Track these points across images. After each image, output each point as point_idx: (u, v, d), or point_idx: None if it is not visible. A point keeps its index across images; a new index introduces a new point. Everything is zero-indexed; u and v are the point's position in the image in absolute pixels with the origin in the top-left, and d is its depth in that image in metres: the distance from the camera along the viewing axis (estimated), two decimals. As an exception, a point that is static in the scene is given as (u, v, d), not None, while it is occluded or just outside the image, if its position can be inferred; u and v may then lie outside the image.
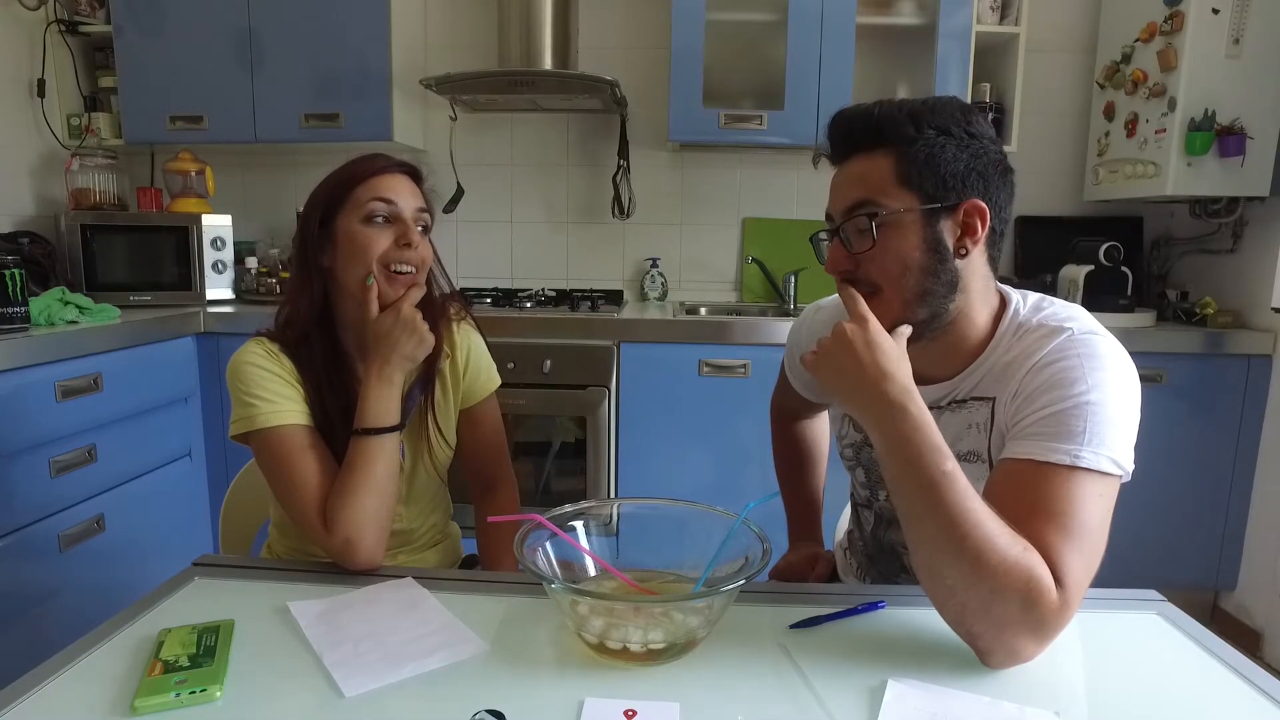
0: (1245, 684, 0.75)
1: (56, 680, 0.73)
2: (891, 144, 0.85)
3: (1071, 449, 0.77)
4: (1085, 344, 0.84)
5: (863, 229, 0.86)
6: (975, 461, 0.94)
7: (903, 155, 0.85)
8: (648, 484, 2.31)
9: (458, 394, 1.22)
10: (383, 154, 1.12)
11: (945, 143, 0.84)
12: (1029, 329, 0.89)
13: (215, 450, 2.37)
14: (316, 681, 0.73)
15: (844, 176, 0.90)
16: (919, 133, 0.84)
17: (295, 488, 1.01)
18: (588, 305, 2.49)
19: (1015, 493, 0.79)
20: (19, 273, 1.83)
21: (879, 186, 0.85)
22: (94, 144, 2.61)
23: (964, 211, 0.85)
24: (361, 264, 1.06)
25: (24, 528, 1.75)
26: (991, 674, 0.75)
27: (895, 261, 0.85)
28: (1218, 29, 2.16)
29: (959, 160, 0.84)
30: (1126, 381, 0.82)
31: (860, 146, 0.87)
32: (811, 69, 2.40)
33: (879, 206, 0.85)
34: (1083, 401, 0.79)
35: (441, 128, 2.77)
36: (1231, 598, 2.39)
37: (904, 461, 0.76)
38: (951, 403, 0.95)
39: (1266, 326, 2.29)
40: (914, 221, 0.85)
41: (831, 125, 0.91)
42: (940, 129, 0.84)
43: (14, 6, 2.43)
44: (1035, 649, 0.74)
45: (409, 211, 1.09)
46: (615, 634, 0.75)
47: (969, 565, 0.72)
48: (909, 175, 0.84)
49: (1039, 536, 0.74)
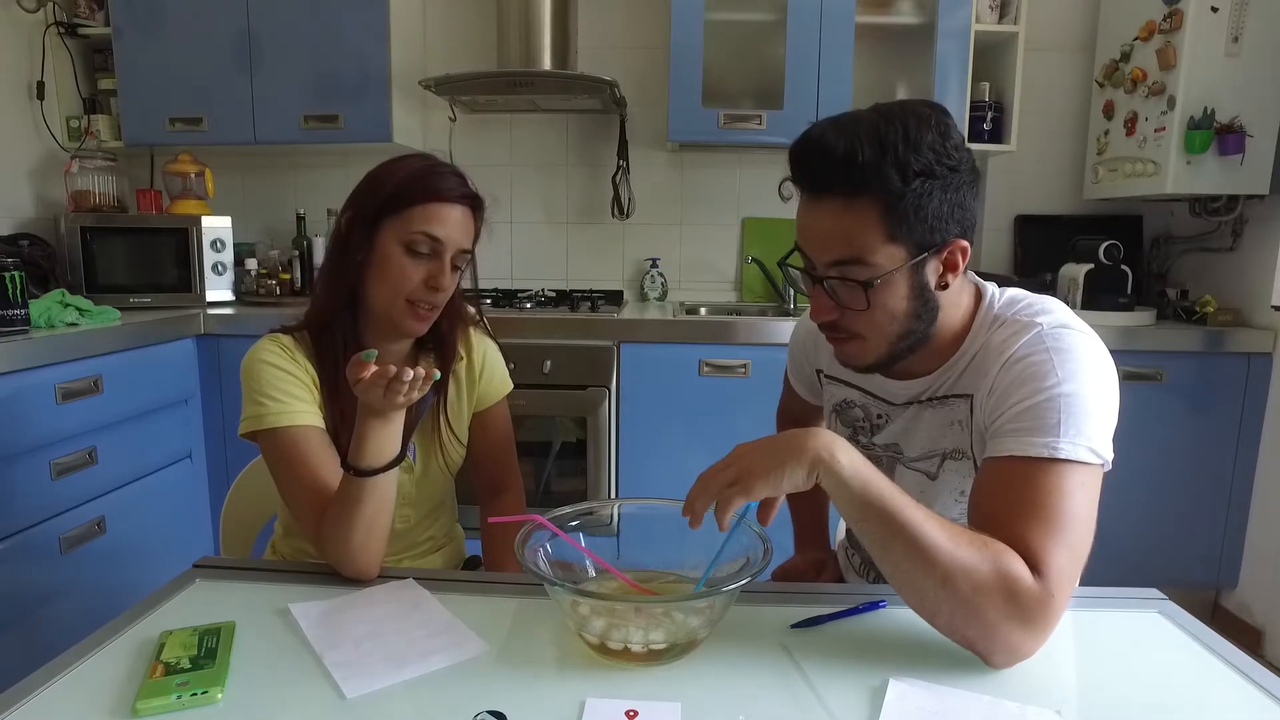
0: (1247, 682, 0.75)
1: (58, 683, 0.73)
2: (876, 194, 0.79)
3: (1048, 441, 0.78)
4: (1055, 338, 0.84)
5: (852, 288, 0.83)
6: (960, 459, 0.94)
7: (889, 209, 0.80)
8: (648, 484, 2.31)
9: (472, 398, 1.22)
10: (450, 172, 1.07)
11: (931, 188, 0.80)
12: (1003, 323, 0.89)
13: (216, 452, 2.37)
14: (318, 683, 0.73)
15: (824, 222, 0.83)
16: (905, 184, 0.79)
17: (300, 490, 1.00)
18: (588, 306, 2.49)
19: (1000, 491, 0.80)
20: (19, 275, 1.83)
21: (867, 245, 0.81)
22: (93, 146, 2.61)
23: (948, 251, 0.85)
24: (390, 289, 1.05)
25: (25, 530, 1.75)
26: (993, 673, 0.75)
27: (883, 315, 0.85)
28: (1217, 27, 2.16)
29: (944, 203, 0.81)
30: (1099, 372, 0.83)
31: (839, 190, 0.81)
32: (811, 68, 2.40)
33: (869, 267, 0.82)
34: (1056, 394, 0.79)
35: (441, 128, 2.77)
36: (1233, 596, 2.39)
37: (852, 503, 0.75)
38: (931, 399, 0.95)
39: (1266, 324, 2.29)
40: (903, 275, 0.83)
41: (805, 158, 0.83)
42: (925, 173, 0.79)
43: (13, 9, 2.43)
44: (1031, 642, 0.74)
45: (452, 250, 1.06)
46: (616, 634, 0.75)
47: (939, 576, 0.72)
48: (897, 230, 0.81)
49: (1020, 531, 0.75)
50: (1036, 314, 0.88)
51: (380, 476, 0.94)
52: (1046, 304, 0.90)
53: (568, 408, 2.29)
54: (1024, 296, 0.92)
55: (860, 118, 0.81)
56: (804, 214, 0.86)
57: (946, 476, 0.97)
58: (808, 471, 0.74)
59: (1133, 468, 2.51)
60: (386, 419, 0.92)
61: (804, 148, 0.82)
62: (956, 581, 0.72)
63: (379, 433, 0.92)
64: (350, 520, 0.93)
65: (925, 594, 0.74)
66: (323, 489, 0.99)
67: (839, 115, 0.83)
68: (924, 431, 0.97)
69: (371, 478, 0.93)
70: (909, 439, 1.00)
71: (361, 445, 0.92)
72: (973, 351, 0.91)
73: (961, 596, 0.72)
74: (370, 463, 0.93)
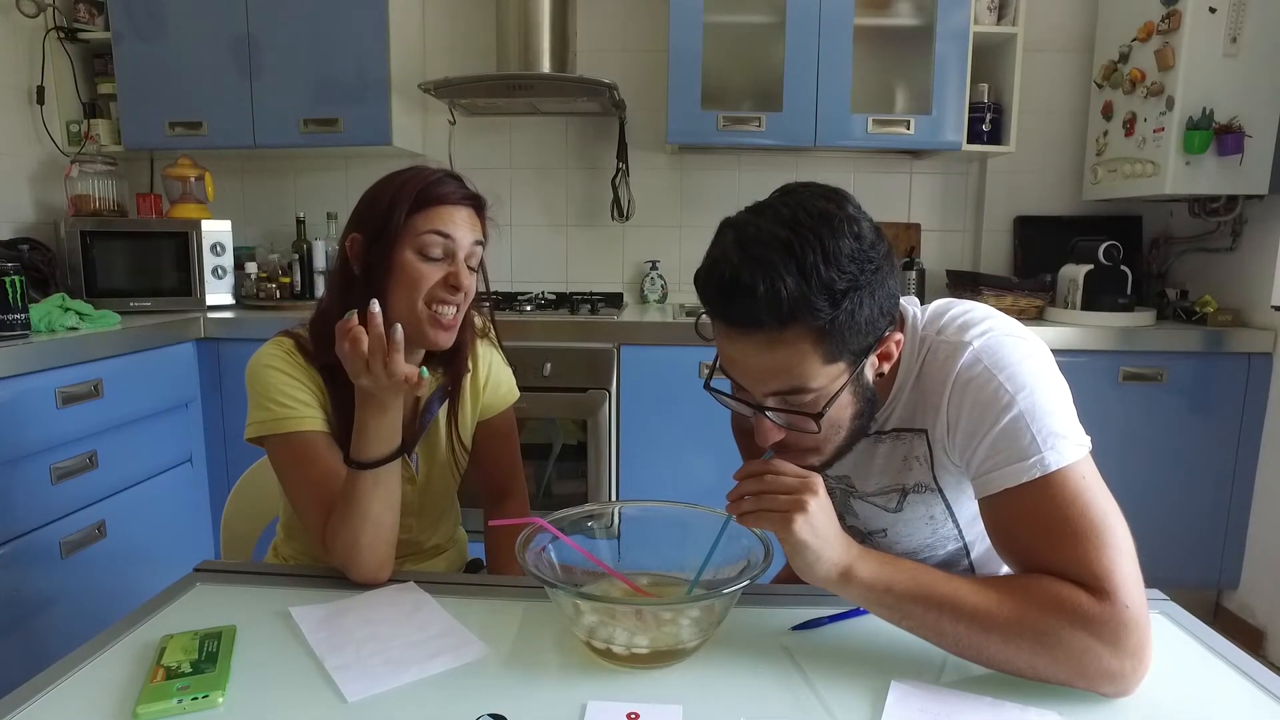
0: (1249, 682, 0.75)
1: (58, 687, 0.73)
2: (807, 324, 0.73)
3: (1034, 460, 0.76)
4: (986, 352, 0.82)
5: (800, 418, 0.79)
6: (925, 492, 0.93)
7: (823, 334, 0.73)
8: (649, 486, 2.31)
9: (476, 407, 1.22)
10: (449, 178, 1.07)
11: (860, 299, 0.74)
12: (932, 346, 0.87)
13: (216, 456, 2.37)
14: (319, 686, 0.73)
15: (756, 358, 0.76)
16: (835, 307, 0.72)
17: (307, 495, 1.00)
18: (588, 308, 2.49)
19: (1016, 527, 0.78)
20: (19, 279, 1.83)
21: (806, 372, 0.75)
22: (93, 150, 2.61)
23: (883, 346, 0.81)
24: (409, 295, 1.03)
25: (25, 534, 1.75)
26: (994, 675, 0.75)
27: (831, 429, 0.82)
28: (1215, 27, 2.16)
29: (873, 306, 0.75)
30: (1041, 369, 0.81)
31: (767, 327, 0.73)
32: (810, 70, 2.41)
33: (813, 392, 0.77)
34: (1016, 412, 0.78)
35: (440, 132, 2.77)
36: (1234, 596, 2.39)
37: (884, 608, 0.75)
38: (879, 433, 0.93)
39: (1266, 324, 2.29)
40: (847, 389, 0.79)
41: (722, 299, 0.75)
42: (851, 287, 0.73)
43: (13, 14, 2.44)
44: (1129, 661, 0.70)
45: (465, 248, 1.05)
46: (618, 637, 0.75)
47: (1001, 637, 0.71)
48: (835, 352, 0.75)
49: (1059, 556, 0.74)
50: (963, 329, 0.85)
51: (383, 471, 0.94)
52: (972, 314, 0.87)
53: (568, 410, 2.29)
54: (945, 309, 0.89)
55: (768, 240, 0.73)
56: (728, 346, 0.79)
57: (911, 507, 0.96)
58: (823, 577, 0.75)
59: (1134, 468, 2.52)
60: (384, 407, 0.92)
61: (718, 288, 0.75)
62: (1018, 636, 0.71)
63: (377, 420, 0.92)
64: (356, 518, 0.92)
65: (998, 658, 0.72)
66: (331, 493, 0.98)
67: (743, 235, 0.76)
68: (879, 467, 0.95)
69: (373, 471, 0.93)
70: (862, 473, 0.98)
71: (361, 436, 0.93)
72: (910, 382, 0.88)
73: (1030, 647, 0.71)
74: (370, 454, 0.93)
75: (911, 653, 0.79)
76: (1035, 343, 0.84)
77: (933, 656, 0.78)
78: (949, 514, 0.95)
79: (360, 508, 0.93)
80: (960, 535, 0.98)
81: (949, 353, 0.84)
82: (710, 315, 0.79)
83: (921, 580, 0.74)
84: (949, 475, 0.90)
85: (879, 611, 0.76)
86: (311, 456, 1.01)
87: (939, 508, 0.95)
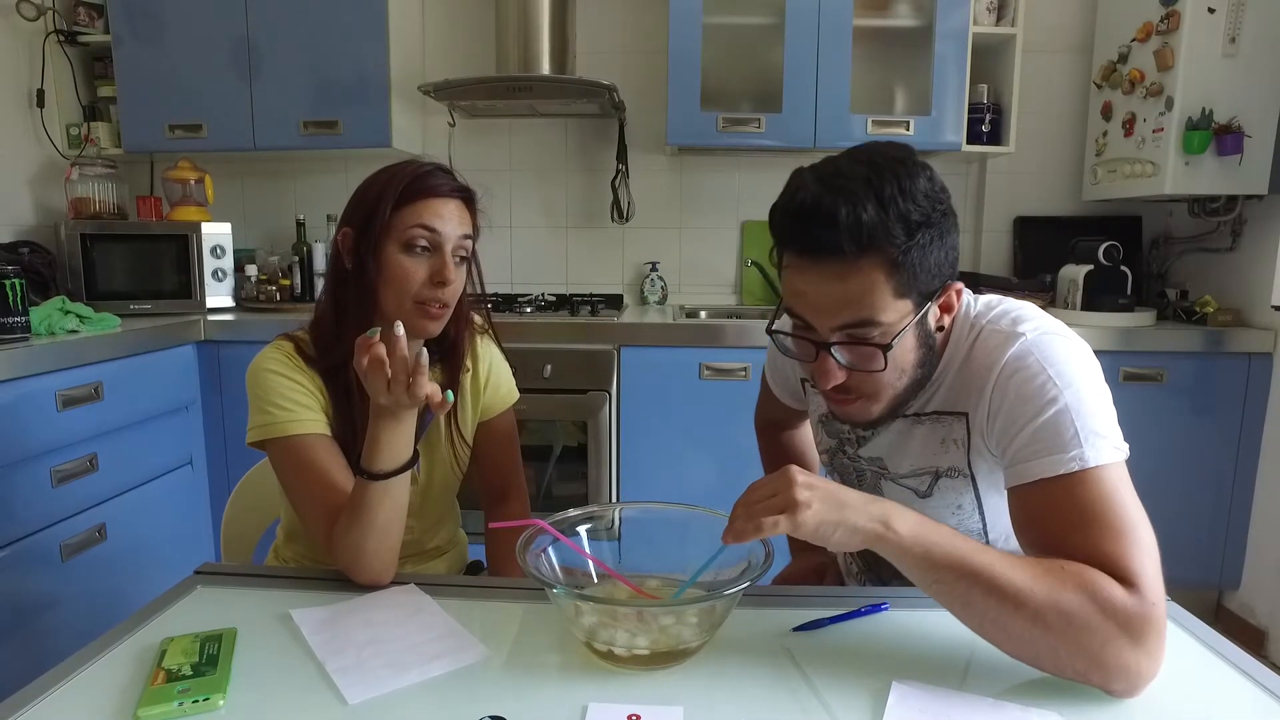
0: (1250, 683, 0.75)
1: (59, 690, 0.73)
2: (881, 253, 0.77)
3: (1074, 454, 0.77)
4: (1039, 346, 0.83)
5: (868, 351, 0.81)
6: (957, 477, 0.94)
7: (895, 266, 0.77)
8: (649, 488, 2.31)
9: (477, 407, 1.22)
10: (438, 170, 1.07)
11: (930, 238, 0.78)
12: (982, 332, 0.88)
13: (216, 458, 2.37)
14: (320, 689, 0.73)
15: (828, 287, 0.79)
16: (910, 239, 0.77)
17: (310, 498, 1.00)
18: (588, 309, 2.49)
19: (1044, 517, 0.78)
20: (19, 282, 1.83)
21: (878, 305, 0.78)
22: (93, 153, 2.61)
23: (945, 295, 0.84)
24: (396, 292, 1.04)
25: (25, 538, 1.75)
26: (995, 676, 0.75)
27: (893, 372, 0.83)
28: (1214, 28, 2.16)
29: (941, 250, 0.80)
30: (1091, 371, 0.82)
31: (842, 254, 0.77)
32: (809, 71, 2.41)
33: (881, 327, 0.79)
34: (1061, 405, 0.78)
35: (440, 134, 2.77)
36: (1235, 596, 2.39)
37: (920, 557, 0.73)
38: (919, 414, 0.94)
39: (1266, 324, 2.29)
40: (911, 329, 0.82)
41: (802, 224, 0.78)
42: (925, 224, 0.77)
43: (13, 17, 2.44)
44: (1146, 659, 0.70)
45: (452, 241, 1.05)
46: (618, 638, 0.75)
47: (1028, 616, 0.70)
48: (905, 286, 0.79)
49: (1090, 548, 0.73)
50: (1016, 322, 0.86)
51: (393, 480, 0.93)
52: (1024, 311, 0.89)
53: (568, 412, 2.29)
54: (999, 303, 0.91)
55: (847, 172, 0.77)
56: (799, 279, 0.81)
57: (941, 493, 0.97)
58: (862, 539, 0.73)
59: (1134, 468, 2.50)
60: (398, 420, 0.91)
61: (797, 215, 0.78)
62: (1047, 616, 0.70)
63: (391, 433, 0.91)
64: (364, 525, 0.92)
65: (1021, 638, 0.71)
66: (333, 496, 0.98)
67: (821, 172, 0.79)
68: (915, 448, 0.96)
69: (384, 481, 0.92)
70: (896, 455, 0.98)
71: (374, 447, 0.92)
72: (956, 363, 0.90)
73: (1056, 629, 0.70)
74: (383, 466, 0.92)
75: (913, 653, 0.79)
76: (1084, 347, 0.85)
77: (934, 657, 0.78)
78: (977, 505, 0.96)
79: (368, 515, 0.92)
80: (984, 532, 0.98)
81: (999, 341, 0.85)
82: (785, 247, 0.82)
83: (959, 548, 0.73)
84: (983, 462, 0.90)
85: (911, 572, 0.75)
86: (313, 459, 1.01)
87: (968, 496, 0.95)
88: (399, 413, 0.91)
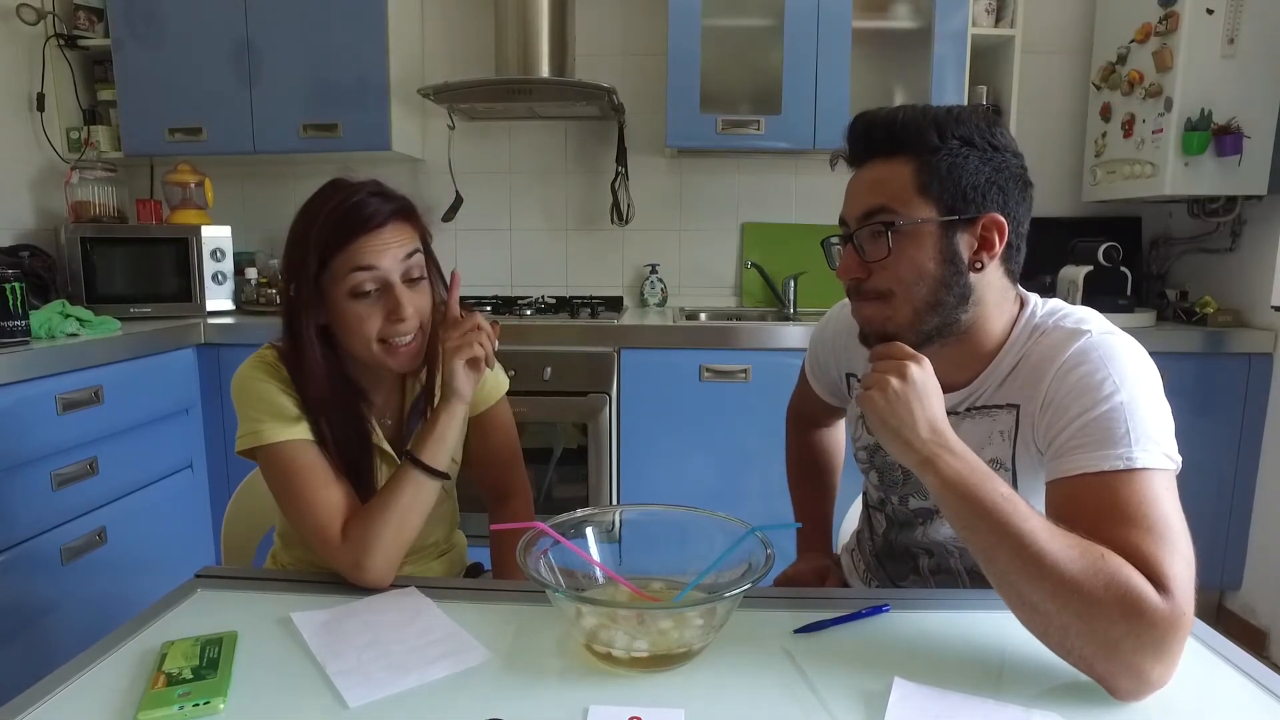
0: (1251, 683, 0.75)
1: (59, 694, 0.73)
2: (913, 151, 0.84)
3: (1122, 452, 0.76)
4: (1103, 345, 0.83)
5: (878, 236, 0.85)
6: (999, 469, 0.93)
7: (924, 164, 0.83)
8: (650, 490, 2.31)
9: None
10: (364, 195, 1.01)
11: (968, 154, 0.83)
12: (1046, 330, 0.88)
13: (217, 461, 2.37)
14: (320, 692, 0.73)
15: (861, 181, 0.89)
16: (942, 142, 0.83)
17: (302, 504, 1.00)
18: (588, 312, 2.49)
19: (1083, 511, 0.76)
20: (19, 286, 1.83)
21: (897, 195, 0.84)
22: (93, 157, 2.61)
23: (982, 225, 0.85)
24: (356, 339, 1.02)
25: (25, 541, 1.74)
26: (996, 677, 0.75)
27: (909, 269, 0.85)
28: (1212, 29, 2.16)
29: (980, 173, 0.83)
30: (1152, 378, 0.82)
31: (879, 151, 0.86)
32: (808, 73, 2.41)
33: (896, 215, 0.84)
34: (1116, 403, 0.78)
35: (440, 136, 2.78)
36: (1237, 597, 2.39)
37: (961, 498, 0.74)
38: (970, 409, 0.94)
39: (1266, 325, 2.29)
40: (931, 232, 0.84)
41: (851, 127, 0.89)
42: (964, 139, 0.83)
43: (13, 21, 2.44)
44: (1161, 668, 0.68)
45: (398, 271, 1.01)
46: (619, 641, 0.75)
47: (1051, 584, 0.69)
48: (929, 185, 0.83)
49: (1126, 544, 0.71)
50: (1080, 322, 0.87)
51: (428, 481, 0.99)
52: (1088, 313, 0.89)
53: (568, 414, 2.29)
54: (1063, 306, 0.92)
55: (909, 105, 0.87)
56: (849, 185, 0.90)
57: None
58: (909, 461, 0.77)
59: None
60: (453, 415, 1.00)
61: (853, 126, 0.89)
62: (1068, 594, 0.68)
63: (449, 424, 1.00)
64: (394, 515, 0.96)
65: (1035, 608, 0.71)
66: (325, 501, 0.99)
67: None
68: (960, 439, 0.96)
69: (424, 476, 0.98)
70: None
71: (432, 438, 0.99)
72: (1013, 359, 0.90)
73: (1074, 609, 0.68)
74: (437, 459, 0.99)
75: (914, 655, 0.79)
76: (1147, 356, 0.85)
77: (936, 659, 0.78)
78: None
79: (401, 506, 0.97)
80: None
81: (1063, 337, 0.86)
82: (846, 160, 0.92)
83: (1000, 504, 0.72)
84: (1028, 458, 0.89)
85: (945, 509, 0.77)
86: (303, 465, 1.01)
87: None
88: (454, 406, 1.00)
